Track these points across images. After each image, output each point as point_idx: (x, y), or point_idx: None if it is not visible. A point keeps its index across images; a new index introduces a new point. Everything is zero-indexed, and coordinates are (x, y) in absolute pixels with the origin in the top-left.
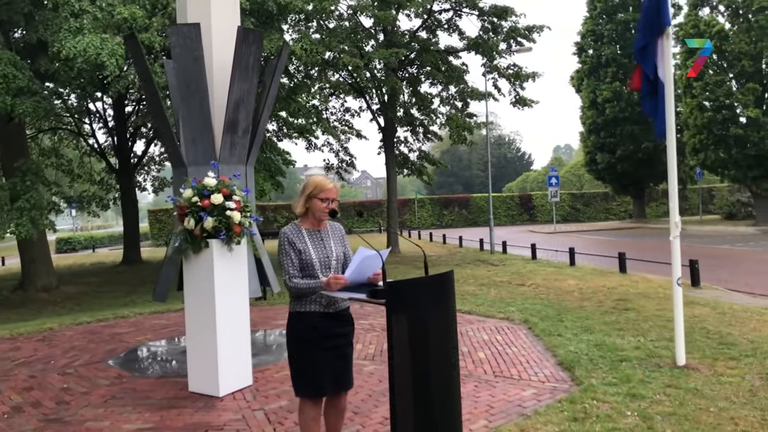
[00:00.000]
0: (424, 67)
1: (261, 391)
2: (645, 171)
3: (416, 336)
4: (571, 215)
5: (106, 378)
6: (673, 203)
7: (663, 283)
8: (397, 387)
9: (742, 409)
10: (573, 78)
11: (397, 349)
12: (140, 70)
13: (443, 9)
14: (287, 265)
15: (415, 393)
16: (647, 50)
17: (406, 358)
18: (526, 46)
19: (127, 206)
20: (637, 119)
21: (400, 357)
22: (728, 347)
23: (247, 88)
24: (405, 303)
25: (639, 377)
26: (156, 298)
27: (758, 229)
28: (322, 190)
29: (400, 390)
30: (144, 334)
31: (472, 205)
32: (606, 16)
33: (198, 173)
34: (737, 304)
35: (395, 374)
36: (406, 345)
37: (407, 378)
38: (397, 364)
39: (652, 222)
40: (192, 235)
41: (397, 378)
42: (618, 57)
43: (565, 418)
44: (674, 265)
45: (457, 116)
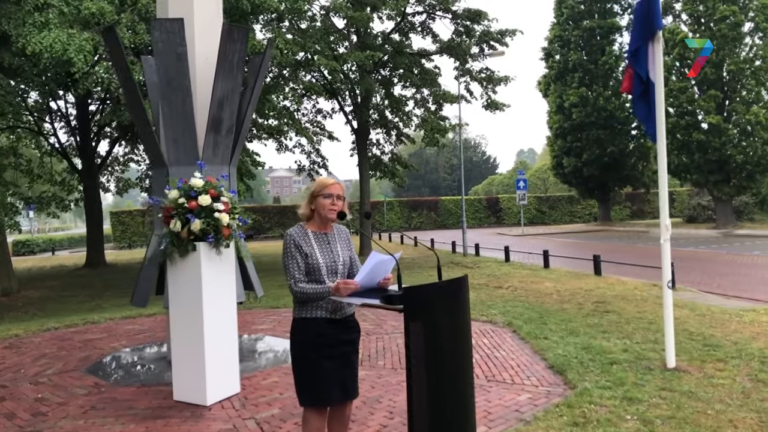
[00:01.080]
0: (397, 70)
1: (250, 400)
2: (610, 175)
3: (433, 341)
4: (537, 218)
5: (83, 387)
6: (663, 206)
7: (638, 285)
8: (415, 392)
9: (738, 412)
10: (540, 83)
11: (414, 354)
12: (119, 66)
13: (417, 12)
14: (293, 269)
15: (432, 397)
16: (639, 54)
17: (423, 363)
18: (499, 49)
19: (90, 208)
20: (602, 124)
21: (417, 362)
22: (713, 349)
23: (232, 87)
24: (422, 308)
25: (632, 380)
26: (135, 303)
27: (719, 232)
28: (325, 186)
29: (418, 395)
30: (118, 340)
31: (441, 207)
32: (572, 23)
33: (179, 173)
34: (714, 306)
35: (413, 379)
36: (422, 350)
37: (424, 383)
38: (414, 369)
39: (617, 225)
40: (178, 237)
41: (416, 383)
42: (584, 63)
43: (565, 423)
44: (664, 268)
45: (432, 119)
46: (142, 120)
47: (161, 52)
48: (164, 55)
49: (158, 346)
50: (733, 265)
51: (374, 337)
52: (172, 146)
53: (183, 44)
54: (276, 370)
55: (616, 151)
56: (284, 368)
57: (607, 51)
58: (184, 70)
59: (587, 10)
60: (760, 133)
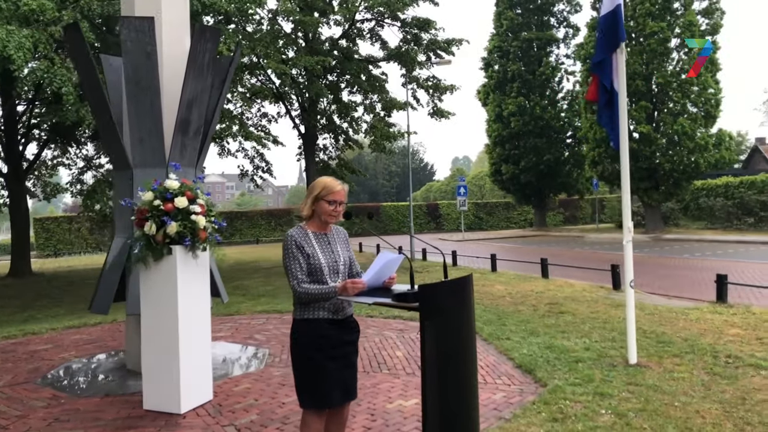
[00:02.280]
0: (344, 75)
1: (225, 406)
2: (546, 182)
3: (446, 338)
4: (475, 224)
5: (41, 399)
6: (626, 209)
7: (585, 287)
8: (428, 387)
9: (703, 403)
10: (480, 92)
11: (429, 350)
12: (83, 64)
13: (365, 18)
14: (295, 270)
15: (444, 392)
16: (604, 64)
17: (435, 359)
18: (446, 58)
19: (15, 214)
20: (539, 133)
21: (431, 358)
22: (667, 345)
23: (201, 87)
24: (436, 305)
25: (599, 377)
26: (95, 310)
27: (649, 237)
28: (331, 192)
29: (432, 390)
30: (67, 351)
31: (382, 213)
32: (511, 34)
33: (144, 175)
34: (661, 306)
35: (428, 375)
36: (436, 347)
37: (437, 378)
38: (429, 365)
39: (552, 230)
40: (153, 240)
41: (429, 378)
42: (523, 73)
43: (545, 419)
44: (627, 268)
45: (381, 125)
46: (107, 120)
47: (130, 51)
48: (133, 54)
49: (113, 356)
50: (669, 267)
51: None
52: (137, 147)
53: (153, 43)
54: (246, 377)
55: (552, 159)
56: (254, 375)
57: (544, 62)
58: (153, 69)
59: (525, 22)
60: (686, 142)
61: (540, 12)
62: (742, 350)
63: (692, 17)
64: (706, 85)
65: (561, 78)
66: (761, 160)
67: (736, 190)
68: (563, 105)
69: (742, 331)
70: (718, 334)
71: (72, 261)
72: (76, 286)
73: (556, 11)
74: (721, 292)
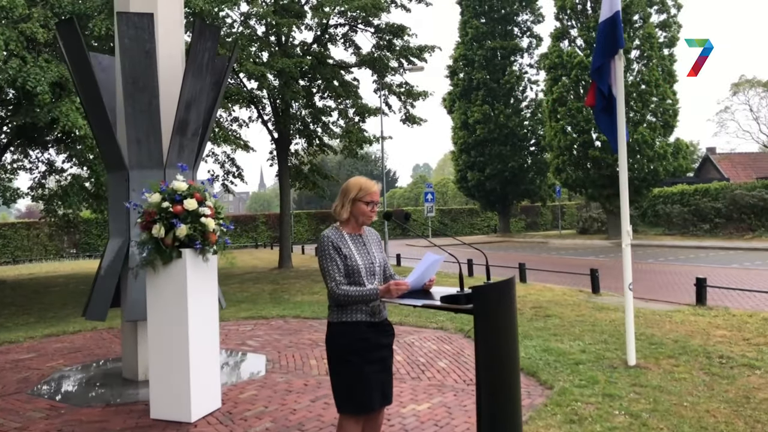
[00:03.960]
0: (317, 80)
1: (235, 414)
2: (510, 188)
3: (496, 339)
4: (440, 230)
5: (38, 410)
6: (624, 212)
7: (566, 291)
8: (483, 386)
9: (711, 403)
10: (445, 99)
11: (482, 351)
12: (78, 62)
13: (339, 23)
14: (333, 272)
15: (495, 392)
16: (603, 70)
17: (488, 359)
18: (418, 65)
19: None
20: (504, 140)
21: (485, 358)
22: (659, 347)
23: (200, 87)
24: (489, 307)
25: (603, 378)
26: (90, 316)
27: (611, 242)
28: (368, 193)
29: (486, 389)
30: (53, 360)
31: None
32: (476, 43)
33: (141, 177)
34: (643, 308)
35: (481, 375)
36: (488, 347)
37: (489, 377)
38: (483, 364)
39: (516, 236)
40: (163, 243)
41: (483, 378)
42: (488, 81)
43: (562, 421)
44: (625, 271)
45: (355, 129)
46: (102, 120)
47: (127, 49)
48: (130, 52)
49: (104, 365)
50: (638, 272)
51: None
52: (134, 148)
53: (152, 41)
54: (249, 384)
55: (516, 166)
56: (257, 381)
57: (508, 71)
58: (152, 68)
59: (490, 31)
60: (646, 151)
61: (504, 22)
62: (732, 351)
63: (651, 30)
64: (665, 95)
65: (525, 87)
66: (711, 169)
67: (691, 198)
68: (527, 113)
69: (728, 333)
70: (706, 335)
71: (33, 268)
72: (42, 294)
73: (519, 21)
74: (701, 295)
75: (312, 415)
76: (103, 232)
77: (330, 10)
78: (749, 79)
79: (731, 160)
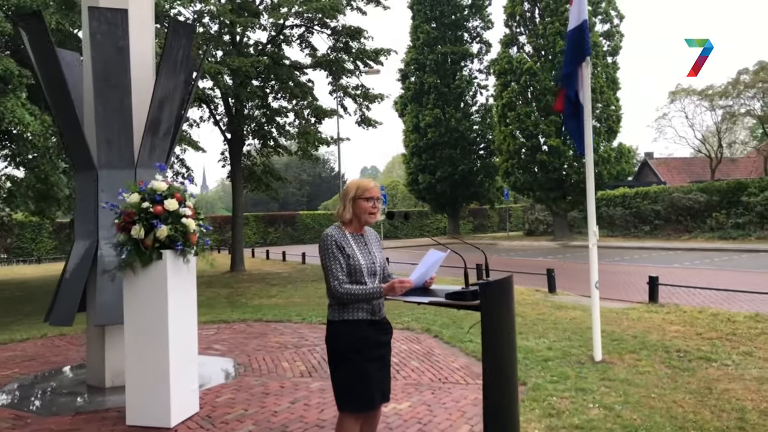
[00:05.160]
0: (271, 81)
1: (215, 417)
2: (460, 191)
3: (500, 335)
4: (391, 232)
5: (3, 419)
6: (591, 214)
7: (523, 291)
8: (488, 379)
9: (676, 394)
10: (397, 102)
11: (488, 346)
12: (44, 56)
13: (295, 24)
14: (336, 270)
15: (499, 387)
16: (571, 77)
17: (494, 353)
18: (375, 68)
19: None
20: (454, 144)
21: (491, 353)
22: (621, 343)
23: (174, 85)
24: (494, 303)
25: (574, 374)
26: (56, 322)
27: (558, 243)
28: (366, 190)
29: (491, 383)
30: (8, 369)
31: (299, 222)
32: (427, 47)
33: (111, 177)
34: (600, 307)
35: (488, 368)
36: (493, 342)
37: (496, 370)
38: (489, 359)
39: (465, 238)
40: (142, 245)
41: (489, 372)
42: (439, 86)
43: (541, 415)
44: (592, 270)
45: (312, 130)
46: (70, 118)
47: (99, 45)
48: (102, 49)
49: (64, 372)
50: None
51: (306, 349)
52: (104, 148)
53: (125, 37)
54: (224, 387)
55: (466, 169)
56: (232, 385)
57: (459, 76)
58: (124, 65)
59: (441, 36)
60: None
61: (455, 27)
62: (688, 345)
63: (596, 38)
64: (609, 102)
65: (475, 92)
66: (649, 173)
67: (632, 200)
68: (476, 118)
69: (682, 328)
70: (662, 331)
71: None
72: None
73: (470, 27)
74: (653, 293)
75: (294, 416)
76: (38, 236)
77: (287, 10)
78: (685, 87)
79: (667, 165)
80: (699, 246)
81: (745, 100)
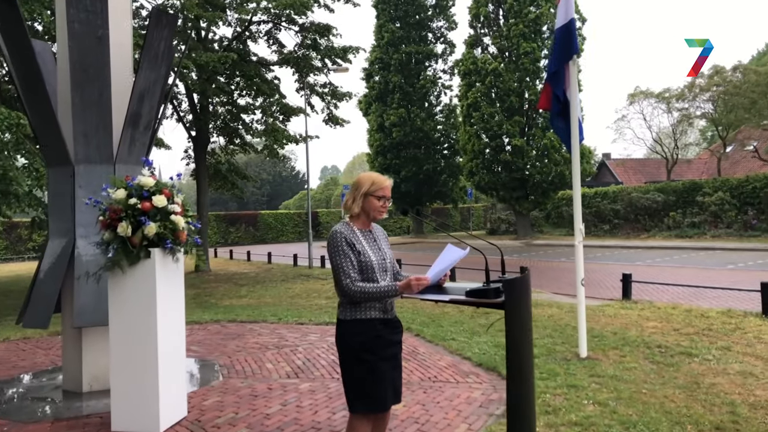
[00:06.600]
0: (236, 77)
1: (205, 422)
2: (425, 191)
3: (521, 331)
4: None
5: None
6: (577, 211)
7: None
8: (512, 374)
9: (666, 389)
10: (361, 102)
11: (512, 341)
12: (18, 45)
13: (263, 20)
14: (348, 268)
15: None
16: (558, 75)
17: (516, 352)
18: (343, 66)
19: None
20: (419, 143)
21: (514, 349)
22: (602, 339)
23: (155, 78)
24: (516, 300)
25: (562, 371)
26: (30, 323)
27: (521, 242)
28: (380, 187)
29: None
30: None
31: (260, 222)
32: (392, 47)
33: (89, 173)
34: (575, 304)
35: (512, 363)
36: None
37: (518, 366)
38: (512, 355)
39: (429, 237)
40: (130, 243)
41: (512, 367)
42: (403, 85)
43: (538, 413)
44: (578, 267)
45: (281, 128)
46: (44, 111)
47: (77, 35)
48: (81, 38)
49: (36, 377)
50: (555, 270)
51: (288, 350)
52: (81, 142)
53: (105, 27)
54: (210, 391)
55: (430, 168)
56: (218, 388)
57: (423, 75)
58: (104, 56)
59: (405, 36)
60: (554, 155)
61: (419, 27)
62: (667, 340)
63: None
64: None
65: (439, 92)
66: (607, 173)
67: (592, 200)
68: (441, 118)
69: (659, 324)
70: (640, 327)
71: None
72: None
73: (434, 27)
74: (627, 290)
75: (288, 419)
76: None
77: (255, 5)
78: (643, 90)
79: (624, 165)
80: (657, 244)
81: (700, 103)
